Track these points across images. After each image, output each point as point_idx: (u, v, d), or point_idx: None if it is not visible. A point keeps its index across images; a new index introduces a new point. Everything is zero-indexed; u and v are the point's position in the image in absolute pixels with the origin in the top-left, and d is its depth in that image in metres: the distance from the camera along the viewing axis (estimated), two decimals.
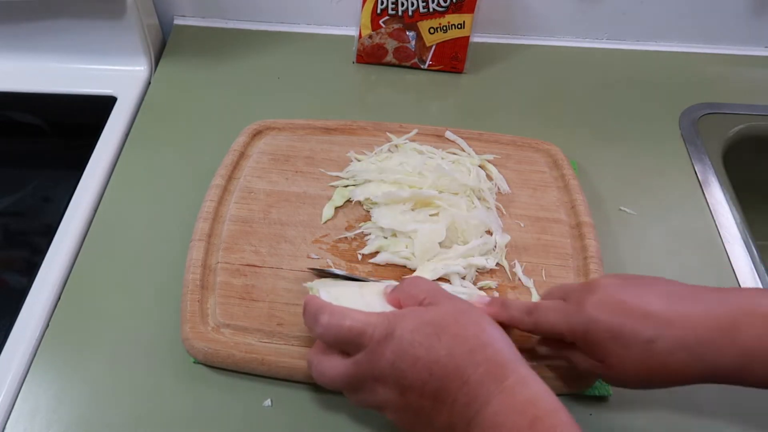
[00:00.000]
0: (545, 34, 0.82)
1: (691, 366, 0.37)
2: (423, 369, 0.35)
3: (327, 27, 0.82)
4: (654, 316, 0.38)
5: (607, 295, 0.39)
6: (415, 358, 0.36)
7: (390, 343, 0.36)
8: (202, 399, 0.47)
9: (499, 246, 0.55)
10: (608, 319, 0.38)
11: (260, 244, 0.54)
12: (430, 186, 0.57)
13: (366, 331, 0.37)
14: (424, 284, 0.41)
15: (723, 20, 0.79)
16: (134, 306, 0.52)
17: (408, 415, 0.38)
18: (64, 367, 0.49)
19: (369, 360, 0.37)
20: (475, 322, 0.37)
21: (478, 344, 0.36)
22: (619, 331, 0.38)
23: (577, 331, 0.40)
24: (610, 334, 0.38)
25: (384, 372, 0.37)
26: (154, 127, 0.69)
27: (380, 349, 0.37)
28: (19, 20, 0.71)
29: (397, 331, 0.37)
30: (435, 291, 0.40)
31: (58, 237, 0.57)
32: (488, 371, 0.35)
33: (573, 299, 0.41)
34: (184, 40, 0.80)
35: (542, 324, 0.42)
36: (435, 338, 0.36)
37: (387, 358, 0.36)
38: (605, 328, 0.38)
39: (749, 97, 0.75)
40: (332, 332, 0.38)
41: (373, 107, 0.73)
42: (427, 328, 0.36)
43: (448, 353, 0.35)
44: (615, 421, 0.47)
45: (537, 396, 0.34)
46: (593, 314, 0.39)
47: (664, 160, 0.67)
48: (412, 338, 0.36)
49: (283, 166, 0.61)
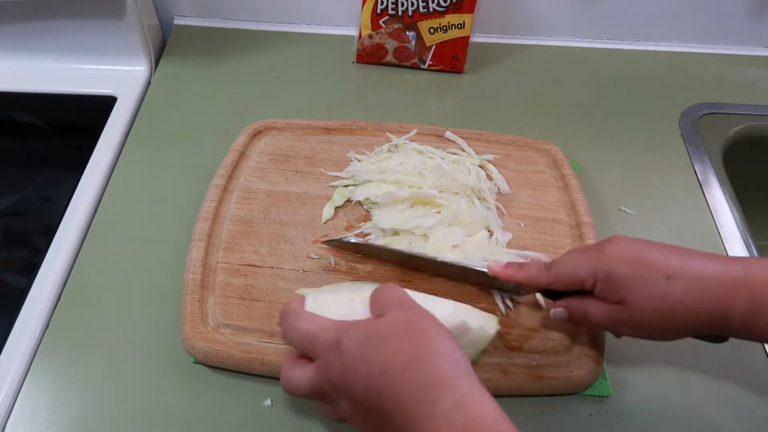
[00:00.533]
0: (545, 34, 0.82)
1: (706, 305, 0.39)
2: (362, 383, 0.34)
3: (327, 27, 0.82)
4: (673, 259, 0.40)
5: (627, 243, 0.42)
6: (356, 371, 0.34)
7: (337, 351, 0.35)
8: (202, 399, 0.47)
9: (501, 244, 0.55)
10: (630, 258, 0.40)
11: (260, 244, 0.54)
12: (430, 186, 0.57)
13: (319, 336, 0.37)
14: (386, 293, 0.39)
15: (723, 20, 0.79)
16: (134, 306, 0.52)
17: (366, 428, 0.36)
18: (64, 367, 0.49)
19: (323, 369, 0.36)
20: (415, 335, 0.35)
21: (412, 359, 0.33)
22: (641, 269, 0.40)
23: (599, 273, 0.41)
24: (631, 273, 0.40)
25: (335, 381, 0.36)
26: (154, 127, 0.69)
27: (330, 357, 0.36)
28: (19, 20, 0.71)
29: (344, 340, 0.35)
30: (392, 300, 0.38)
31: (58, 237, 0.57)
32: (421, 389, 0.32)
33: (593, 248, 0.43)
34: (184, 40, 0.80)
35: (562, 274, 0.43)
36: (373, 352, 0.34)
37: (336, 368, 0.35)
38: (627, 266, 0.40)
39: (749, 97, 0.75)
40: (291, 333, 0.38)
41: (373, 107, 0.73)
42: (369, 340, 0.35)
43: (382, 369, 0.33)
44: (615, 421, 0.47)
45: (476, 418, 0.31)
46: (615, 255, 0.41)
47: (664, 160, 0.67)
48: (355, 350, 0.35)
49: (283, 166, 0.61)
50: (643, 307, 0.40)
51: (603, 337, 0.49)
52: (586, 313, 0.43)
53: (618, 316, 0.41)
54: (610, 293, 0.41)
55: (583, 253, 0.43)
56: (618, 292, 0.41)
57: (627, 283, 0.40)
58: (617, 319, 0.41)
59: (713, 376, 0.50)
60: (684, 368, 0.50)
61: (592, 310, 0.43)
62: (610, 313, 0.42)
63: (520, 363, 0.47)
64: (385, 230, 0.55)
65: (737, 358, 0.51)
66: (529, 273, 0.45)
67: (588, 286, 0.42)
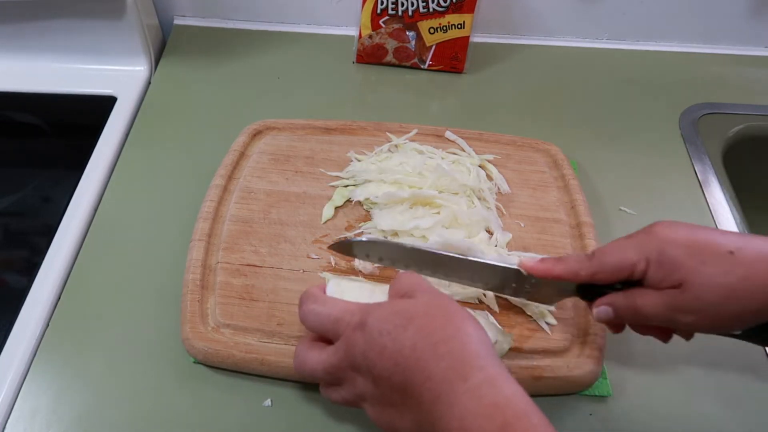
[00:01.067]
0: (545, 34, 0.82)
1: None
2: (389, 359, 0.34)
3: (327, 27, 0.82)
4: (731, 236, 0.37)
5: (677, 224, 0.39)
6: (382, 348, 0.35)
7: (362, 331, 0.36)
8: (202, 399, 0.47)
9: (500, 244, 0.55)
10: (685, 236, 0.37)
11: (260, 244, 0.54)
12: (430, 186, 0.57)
13: (343, 318, 0.37)
14: (408, 279, 0.40)
15: (723, 20, 0.79)
16: (134, 306, 0.52)
17: (383, 408, 0.36)
18: (64, 367, 0.49)
19: (345, 348, 0.37)
20: (446, 315, 0.35)
21: (443, 337, 0.34)
22: (700, 246, 0.37)
23: (652, 254, 0.38)
24: (689, 251, 0.37)
25: (357, 361, 0.36)
26: (154, 127, 0.69)
27: (354, 336, 0.36)
28: (19, 20, 0.71)
29: (369, 318, 0.36)
30: (417, 284, 0.39)
31: (58, 237, 0.57)
32: (452, 366, 0.33)
33: (639, 233, 0.40)
34: (184, 40, 0.80)
35: (608, 262, 0.39)
36: (401, 329, 0.35)
37: (360, 347, 0.36)
38: (683, 243, 0.37)
39: (749, 97, 0.75)
40: (311, 317, 0.39)
41: (373, 107, 0.73)
42: (397, 318, 0.35)
43: (412, 344, 0.34)
44: (615, 421, 0.47)
45: (506, 398, 0.32)
46: (668, 235, 0.38)
47: (664, 160, 0.67)
48: (381, 327, 0.35)
49: (283, 166, 0.61)
50: (706, 284, 0.36)
51: (603, 337, 0.49)
52: (635, 306, 0.39)
53: (676, 302, 0.37)
54: (665, 275, 0.37)
55: (629, 239, 0.40)
56: (676, 272, 0.37)
57: (685, 261, 0.37)
58: (676, 305, 0.38)
59: (713, 376, 0.50)
60: (684, 368, 0.50)
61: (643, 301, 0.39)
62: (666, 300, 0.38)
63: (520, 363, 0.47)
64: (384, 231, 0.55)
65: (737, 358, 0.51)
66: (568, 265, 0.41)
67: (639, 271, 0.39)
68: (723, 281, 0.36)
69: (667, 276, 0.38)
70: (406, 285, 0.39)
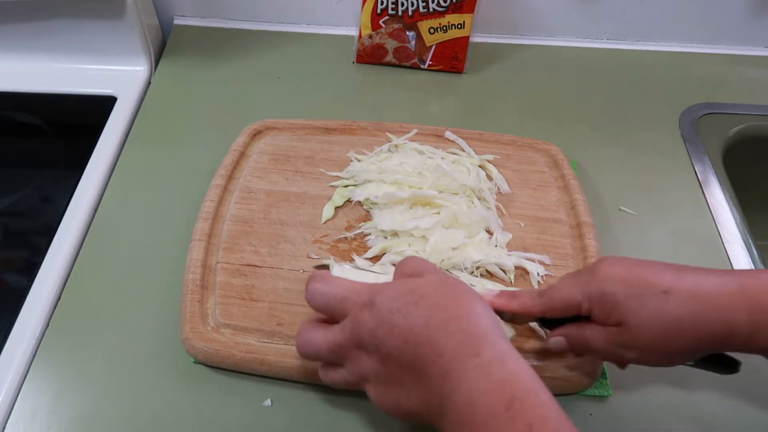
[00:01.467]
0: (545, 34, 0.82)
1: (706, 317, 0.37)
2: (399, 337, 0.35)
3: (327, 27, 0.82)
4: (666, 274, 0.39)
5: (616, 261, 0.40)
6: (392, 325, 0.35)
7: (371, 309, 0.36)
8: (202, 399, 0.47)
9: (501, 245, 0.55)
10: (622, 276, 0.39)
11: (260, 244, 0.54)
12: (430, 186, 0.57)
13: (349, 297, 0.37)
14: (415, 261, 0.41)
15: (723, 20, 0.79)
16: (134, 306, 0.52)
17: (388, 388, 0.37)
18: (64, 367, 0.49)
19: (352, 327, 0.37)
20: (456, 294, 0.36)
21: (455, 315, 0.35)
22: (635, 286, 0.38)
23: (593, 295, 0.39)
24: (626, 291, 0.38)
25: (365, 339, 0.36)
26: (154, 127, 0.69)
27: (362, 315, 0.36)
28: (19, 20, 0.71)
29: (378, 297, 0.36)
30: (424, 265, 0.40)
31: (58, 237, 0.57)
32: (463, 343, 0.33)
33: (584, 272, 0.41)
34: (184, 40, 0.80)
35: (555, 300, 0.41)
36: (413, 306, 0.35)
37: (367, 325, 0.36)
38: (621, 285, 0.39)
39: (749, 97, 0.75)
40: (317, 297, 0.39)
41: (373, 107, 0.73)
42: (407, 296, 0.36)
43: (424, 322, 0.34)
44: (615, 421, 0.47)
45: (515, 374, 0.33)
46: (608, 274, 0.39)
47: (664, 160, 0.67)
48: (391, 305, 0.35)
49: (283, 166, 0.61)
50: (642, 325, 0.38)
51: None
52: (585, 339, 0.41)
53: (618, 339, 0.39)
54: (607, 315, 0.39)
55: (575, 277, 0.42)
56: (615, 312, 0.39)
57: (623, 302, 0.38)
58: (618, 342, 0.40)
59: (713, 376, 0.50)
60: (684, 368, 0.50)
61: (591, 336, 0.41)
62: (610, 336, 0.40)
63: None
64: (384, 231, 0.55)
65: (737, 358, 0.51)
66: (522, 301, 0.43)
67: (584, 310, 0.41)
68: (659, 322, 0.38)
69: (608, 316, 0.39)
70: (412, 266, 0.40)
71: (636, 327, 0.38)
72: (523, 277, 0.53)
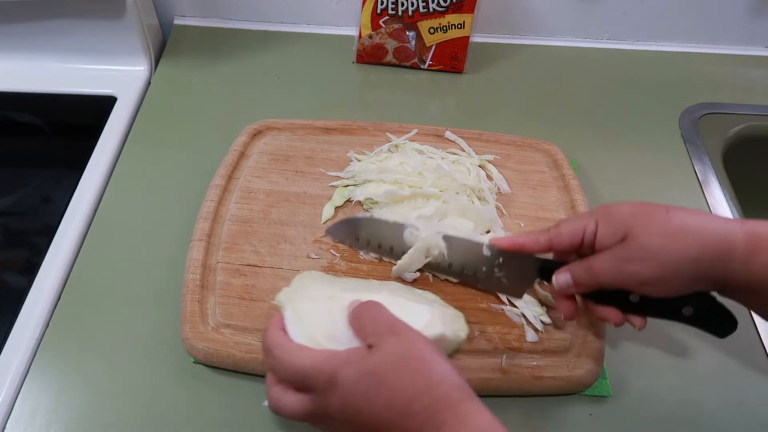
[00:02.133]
0: (545, 34, 0.82)
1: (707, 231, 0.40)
2: (365, 420, 0.36)
3: (327, 27, 0.82)
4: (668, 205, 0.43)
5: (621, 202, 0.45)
6: (358, 409, 0.36)
7: (335, 390, 0.36)
8: (202, 399, 0.47)
9: None
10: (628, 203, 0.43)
11: (260, 244, 0.54)
12: (430, 186, 0.57)
13: (312, 375, 0.38)
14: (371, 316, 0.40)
15: (723, 20, 0.79)
16: (134, 306, 0.52)
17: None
18: (64, 367, 0.49)
19: (320, 402, 0.37)
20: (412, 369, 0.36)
21: (416, 394, 0.35)
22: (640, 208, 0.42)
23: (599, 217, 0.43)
24: (631, 210, 0.43)
25: (335, 415, 0.37)
26: (154, 127, 0.69)
27: (327, 394, 0.37)
28: (19, 20, 0.71)
29: (339, 379, 0.36)
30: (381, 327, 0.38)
31: (58, 237, 0.57)
32: (426, 419, 0.34)
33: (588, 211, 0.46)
34: (184, 40, 0.80)
35: (563, 229, 0.45)
36: (374, 390, 0.35)
37: (334, 405, 0.37)
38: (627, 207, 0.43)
39: (749, 97, 0.75)
40: (282, 370, 0.39)
41: (373, 107, 0.73)
42: (367, 378, 0.36)
43: (387, 405, 0.35)
44: (615, 421, 0.47)
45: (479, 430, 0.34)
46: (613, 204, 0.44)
47: (664, 160, 0.67)
48: (354, 389, 0.36)
49: (283, 166, 0.61)
50: (648, 233, 0.41)
51: (603, 337, 0.49)
52: (589, 266, 0.43)
53: (624, 253, 0.42)
54: (613, 231, 0.42)
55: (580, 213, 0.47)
56: (621, 227, 0.42)
57: (629, 218, 0.42)
58: (622, 256, 0.42)
59: (713, 376, 0.50)
60: (684, 368, 0.50)
61: (595, 261, 0.43)
62: (614, 254, 0.42)
63: (520, 363, 0.47)
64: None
65: (737, 358, 0.51)
66: (530, 236, 0.46)
67: (589, 232, 0.43)
68: (661, 229, 0.41)
69: (614, 231, 0.42)
70: (370, 327, 0.39)
71: (641, 236, 0.41)
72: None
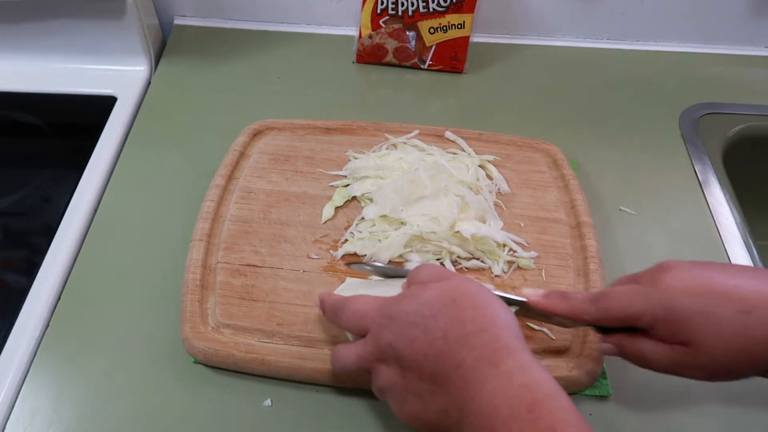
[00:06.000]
0: (545, 34, 0.82)
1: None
2: (419, 350, 0.35)
3: (327, 27, 0.82)
4: (744, 287, 0.35)
5: (686, 271, 0.37)
6: (411, 339, 0.35)
7: (390, 323, 0.36)
8: (202, 399, 0.47)
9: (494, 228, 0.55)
10: (694, 290, 0.35)
11: (260, 244, 0.54)
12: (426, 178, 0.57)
13: (368, 312, 0.38)
14: (431, 269, 0.40)
15: (723, 20, 0.79)
16: (134, 306, 0.52)
17: (408, 400, 0.36)
18: (64, 367, 0.49)
19: (373, 341, 0.37)
20: (475, 306, 0.35)
21: (475, 329, 0.34)
22: (709, 303, 0.35)
23: (658, 312, 0.36)
24: (698, 309, 0.35)
25: (385, 352, 0.36)
26: (154, 127, 0.69)
27: (381, 329, 0.37)
28: (19, 20, 0.71)
29: (395, 311, 0.36)
30: (439, 272, 0.39)
31: (58, 237, 0.57)
32: (483, 355, 0.33)
33: (646, 280, 0.38)
34: (184, 40, 0.80)
35: (612, 310, 0.38)
36: (432, 320, 0.35)
37: (387, 339, 0.36)
38: (692, 303, 0.35)
39: (749, 97, 0.75)
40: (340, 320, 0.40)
41: (373, 107, 0.73)
42: (425, 308, 0.36)
43: (443, 335, 0.34)
44: (615, 421, 0.47)
45: (536, 381, 0.32)
46: (676, 288, 0.36)
47: (664, 160, 0.67)
48: (410, 319, 0.36)
49: (283, 166, 0.61)
50: (715, 347, 0.35)
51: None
52: (642, 354, 0.38)
53: (685, 359, 0.36)
54: (672, 334, 0.36)
55: (636, 286, 0.38)
56: (683, 332, 0.35)
57: (694, 322, 0.35)
58: (683, 362, 0.36)
59: None
60: None
61: (650, 353, 0.38)
62: (674, 355, 0.37)
63: None
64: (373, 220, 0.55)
65: None
66: (573, 305, 0.40)
67: (644, 324, 0.37)
68: (735, 344, 0.35)
69: (674, 335, 0.36)
70: (430, 273, 0.39)
71: (709, 348, 0.35)
72: (523, 277, 0.53)
